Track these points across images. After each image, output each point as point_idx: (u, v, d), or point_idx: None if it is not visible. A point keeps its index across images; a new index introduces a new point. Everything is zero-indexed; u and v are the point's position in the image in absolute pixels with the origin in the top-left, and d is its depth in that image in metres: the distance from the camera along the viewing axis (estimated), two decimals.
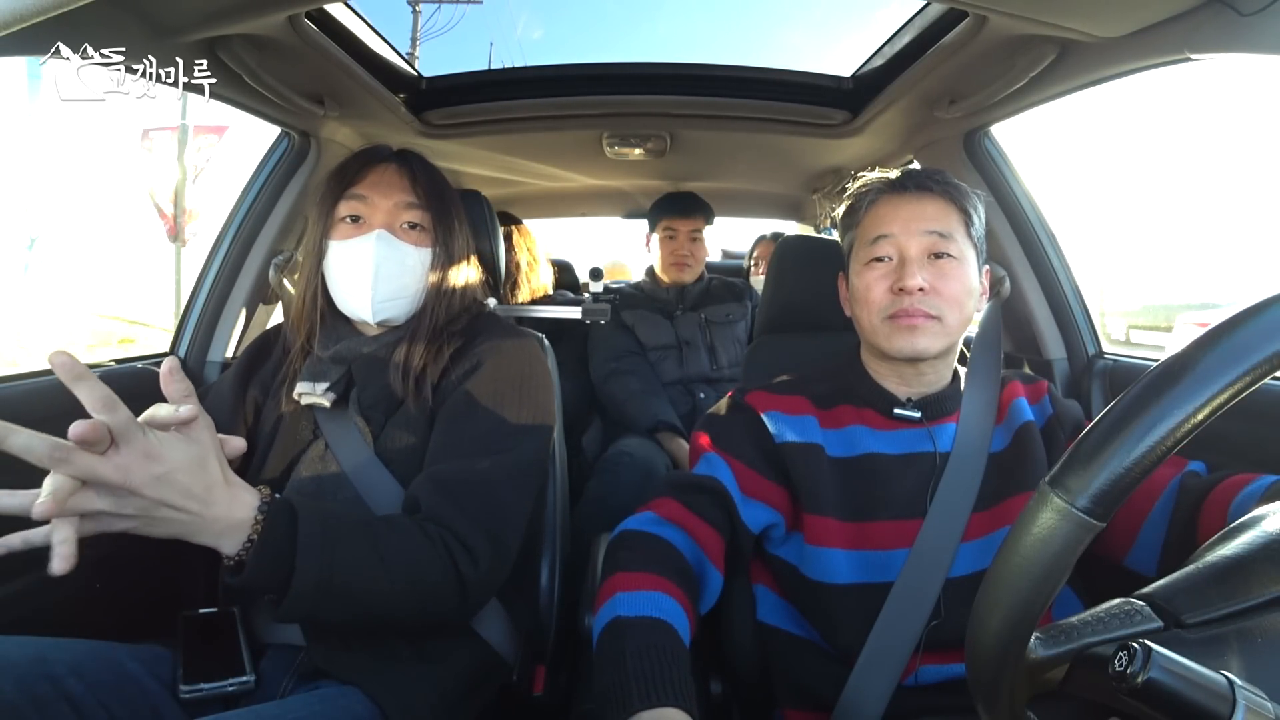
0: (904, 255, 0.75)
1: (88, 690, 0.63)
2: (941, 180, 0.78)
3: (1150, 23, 0.81)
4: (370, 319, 0.83)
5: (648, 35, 59.11)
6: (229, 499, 0.57)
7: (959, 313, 0.75)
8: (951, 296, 0.74)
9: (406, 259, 0.83)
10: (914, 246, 0.75)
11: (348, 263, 0.82)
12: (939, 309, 0.74)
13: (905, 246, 0.75)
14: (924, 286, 0.73)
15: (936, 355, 0.76)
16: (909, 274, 0.73)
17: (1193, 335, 0.34)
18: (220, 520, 0.56)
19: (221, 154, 7.74)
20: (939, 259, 0.75)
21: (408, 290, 0.84)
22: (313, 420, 0.82)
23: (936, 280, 0.74)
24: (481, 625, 0.81)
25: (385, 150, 0.88)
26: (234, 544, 0.58)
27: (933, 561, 0.71)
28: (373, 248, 0.80)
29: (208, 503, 0.55)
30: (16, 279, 8.31)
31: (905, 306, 0.74)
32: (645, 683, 0.54)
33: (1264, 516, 0.43)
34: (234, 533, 0.57)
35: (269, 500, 0.60)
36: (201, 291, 1.33)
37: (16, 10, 0.47)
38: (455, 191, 0.90)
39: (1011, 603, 0.35)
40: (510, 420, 0.79)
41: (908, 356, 0.75)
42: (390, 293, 0.82)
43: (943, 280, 0.74)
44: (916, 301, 0.73)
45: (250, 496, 0.59)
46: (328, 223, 0.84)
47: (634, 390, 1.69)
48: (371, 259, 0.80)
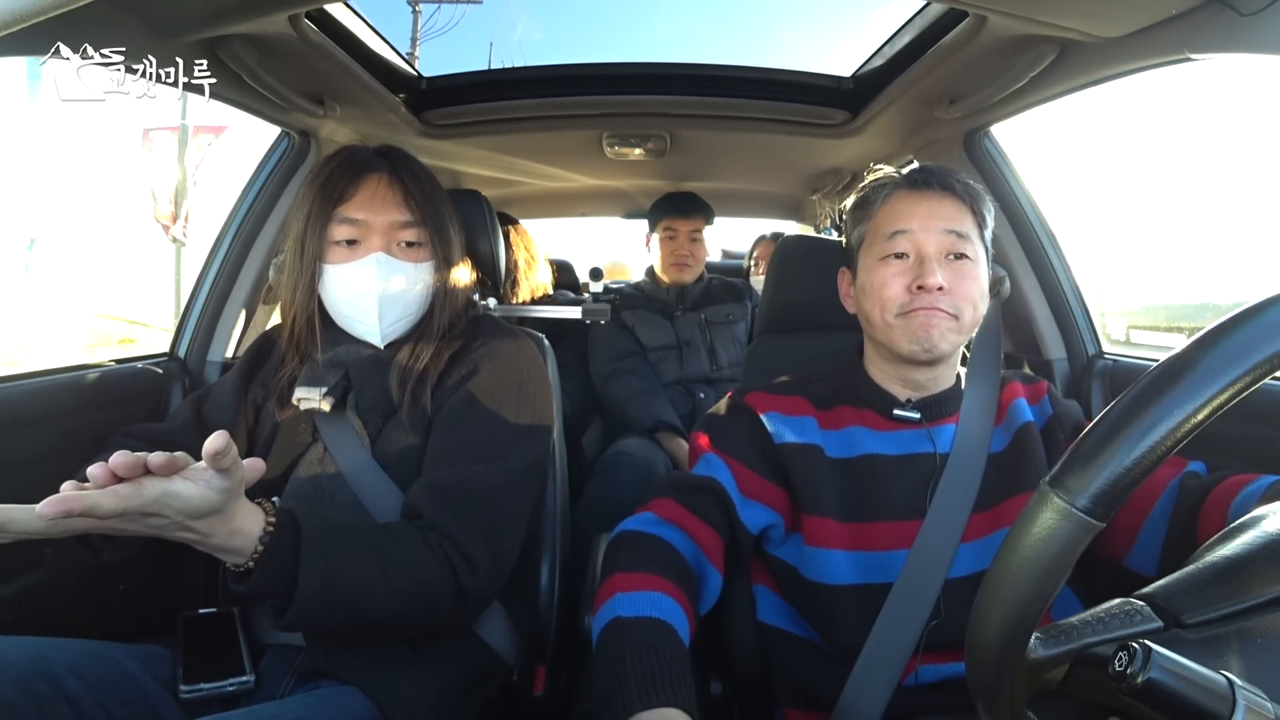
0: (922, 253, 0.74)
1: (87, 690, 0.63)
2: (960, 180, 0.77)
3: (1150, 23, 0.81)
4: (380, 343, 0.83)
5: (648, 35, 59.17)
6: (234, 509, 0.57)
7: (973, 313, 0.75)
8: (967, 297, 0.74)
9: (409, 277, 0.82)
10: (932, 245, 0.74)
11: (350, 289, 0.80)
12: (957, 308, 0.73)
13: (923, 244, 0.74)
14: (943, 285, 0.72)
15: (947, 353, 0.75)
16: (929, 272, 0.72)
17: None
18: (228, 530, 0.56)
19: (219, 154, 7.74)
20: (957, 259, 0.74)
21: (413, 307, 0.83)
22: (311, 423, 0.82)
23: (954, 280, 0.73)
24: (481, 626, 0.81)
25: (370, 158, 0.84)
26: (240, 555, 0.58)
27: (932, 562, 0.71)
28: (374, 273, 0.79)
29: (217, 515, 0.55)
30: (16, 279, 8.32)
31: (922, 304, 0.73)
32: (645, 683, 0.54)
33: (1264, 516, 0.43)
34: (240, 541, 0.57)
35: (274, 515, 0.60)
36: (201, 291, 1.33)
37: (16, 10, 0.47)
38: (444, 191, 0.88)
39: (1011, 603, 0.35)
40: (509, 425, 0.79)
41: (919, 357, 0.74)
42: (397, 314, 0.82)
43: (960, 280, 0.73)
44: (936, 300, 0.72)
45: (257, 514, 0.59)
46: (320, 244, 0.80)
47: (634, 390, 1.69)
48: (375, 286, 0.79)
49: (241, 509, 0.57)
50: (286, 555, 0.59)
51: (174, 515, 0.51)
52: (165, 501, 0.50)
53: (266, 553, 0.58)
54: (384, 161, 0.84)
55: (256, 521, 0.58)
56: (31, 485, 0.68)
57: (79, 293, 8.51)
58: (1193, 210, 16.60)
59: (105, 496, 0.48)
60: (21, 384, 0.97)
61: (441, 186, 0.88)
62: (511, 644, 0.85)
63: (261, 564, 0.58)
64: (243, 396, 0.87)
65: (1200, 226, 14.53)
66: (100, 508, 0.48)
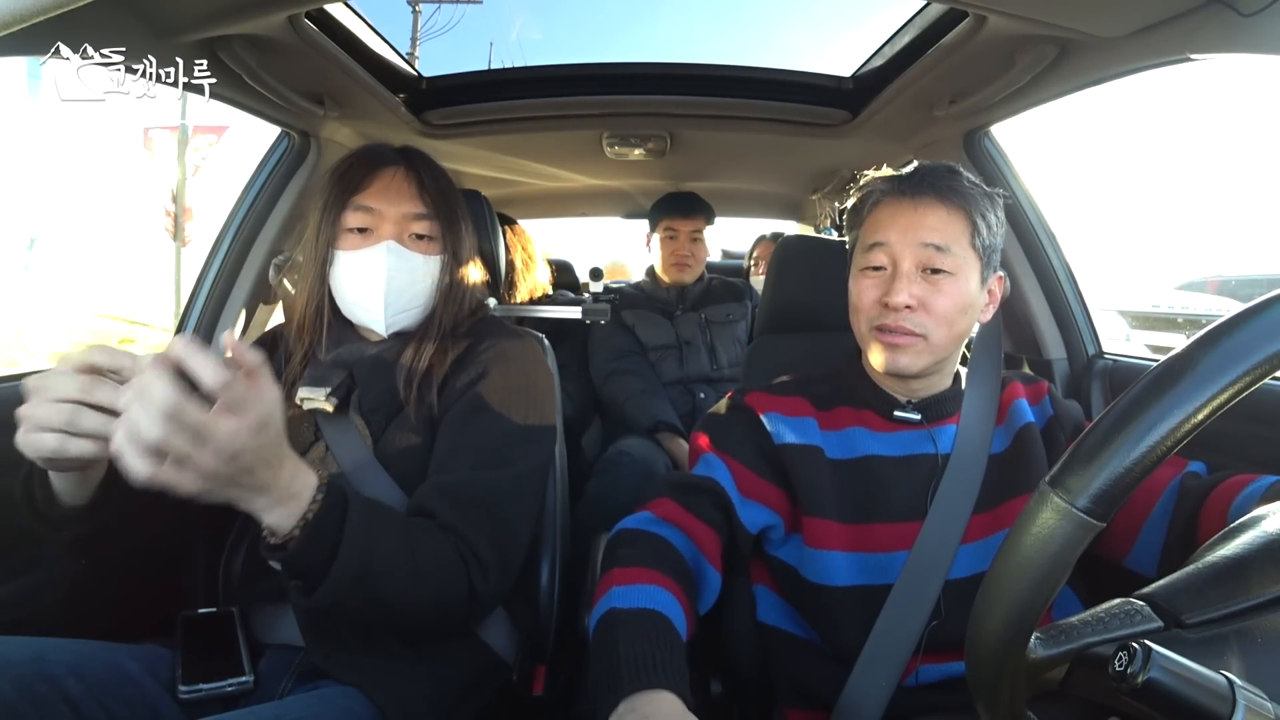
0: (896, 267, 0.73)
1: (86, 690, 0.63)
2: (951, 184, 0.73)
3: (1150, 23, 0.81)
4: (384, 331, 0.83)
5: (648, 35, 59.19)
6: (293, 471, 0.55)
7: (947, 330, 0.73)
8: (940, 314, 0.72)
9: (417, 269, 0.82)
10: (907, 259, 0.72)
11: (358, 275, 0.81)
12: (924, 327, 0.72)
13: (899, 257, 0.73)
14: (910, 304, 0.71)
15: (919, 373, 0.75)
16: (896, 290, 0.71)
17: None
18: (283, 489, 0.55)
19: (221, 154, 7.74)
20: (932, 274, 0.72)
21: (419, 300, 0.83)
22: (314, 423, 0.82)
23: (926, 296, 0.72)
24: (481, 626, 0.81)
25: (389, 153, 0.86)
26: (287, 519, 0.55)
27: (933, 563, 0.71)
28: (384, 260, 0.80)
29: (278, 469, 0.54)
30: (16, 279, 8.32)
31: (888, 322, 0.72)
32: (636, 667, 0.54)
33: (1264, 516, 0.43)
34: (290, 505, 0.55)
35: (326, 482, 0.58)
36: (201, 291, 1.33)
37: (16, 10, 0.47)
38: (459, 192, 0.90)
39: (1011, 603, 0.35)
40: (517, 428, 0.79)
41: (890, 372, 0.75)
42: (403, 304, 0.82)
43: (933, 296, 0.72)
44: (901, 318, 0.72)
45: (309, 475, 0.57)
46: (334, 231, 0.82)
47: (634, 390, 1.69)
48: (383, 272, 0.80)
49: (296, 458, 0.56)
50: (334, 526, 0.57)
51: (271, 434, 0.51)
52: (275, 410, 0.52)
53: (319, 514, 0.56)
54: (402, 157, 0.86)
55: (310, 479, 0.57)
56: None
57: (79, 293, 8.51)
58: (1193, 209, 16.66)
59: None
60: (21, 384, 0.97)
61: (456, 188, 0.89)
62: (511, 644, 0.85)
63: (311, 526, 0.56)
64: None
65: (1201, 227, 14.57)
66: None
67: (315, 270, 0.83)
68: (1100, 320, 1.30)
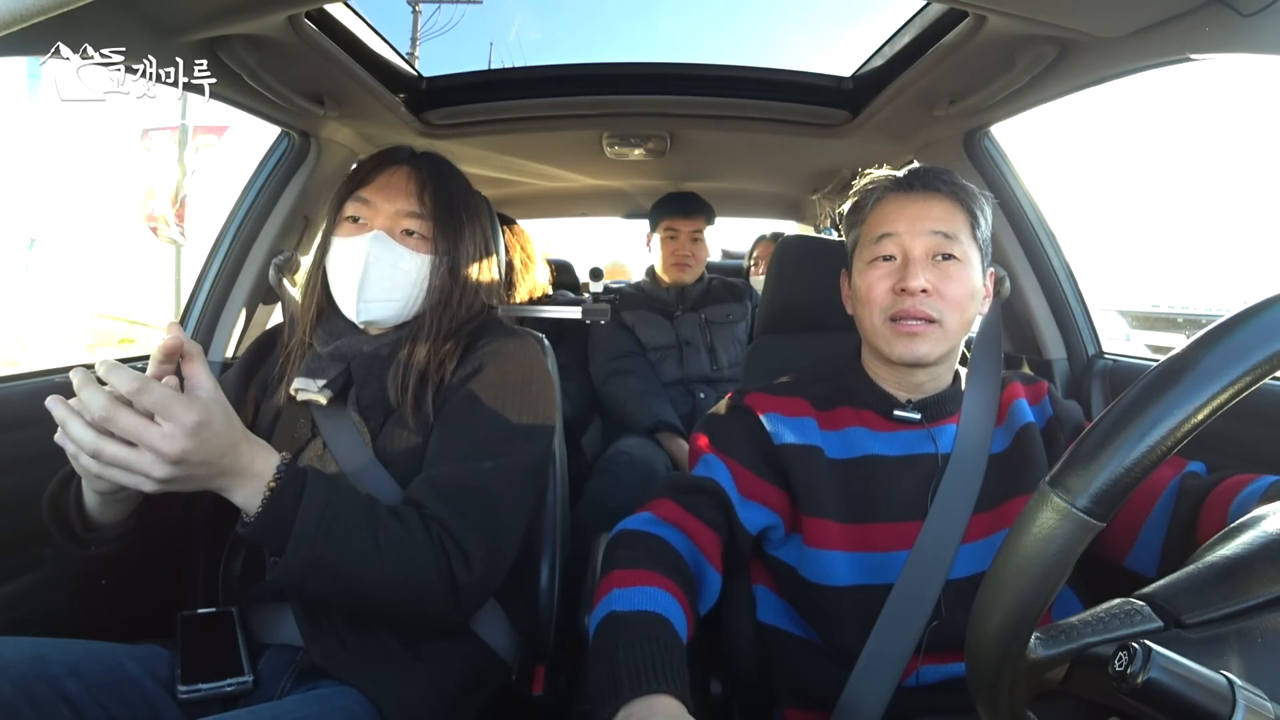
0: (908, 255, 0.74)
1: (86, 691, 0.63)
2: (949, 180, 0.77)
3: (1150, 23, 0.81)
4: (355, 317, 0.83)
5: (648, 35, 59.29)
6: (251, 453, 0.61)
7: (960, 316, 0.74)
8: (954, 299, 0.74)
9: (400, 262, 0.82)
10: (918, 247, 0.74)
11: (342, 259, 0.82)
12: (940, 312, 0.73)
13: (909, 246, 0.74)
14: (926, 288, 0.73)
15: (936, 361, 0.76)
16: (912, 275, 0.73)
17: None
18: (244, 470, 0.61)
19: (220, 154, 7.74)
20: (943, 260, 0.74)
21: (397, 293, 0.83)
22: (310, 418, 0.82)
23: (939, 282, 0.73)
24: (480, 625, 0.81)
25: (403, 153, 0.88)
26: (254, 496, 0.61)
27: (933, 563, 0.71)
28: (366, 247, 0.81)
29: (235, 456, 0.60)
30: (16, 279, 8.32)
31: (906, 308, 0.73)
32: (636, 672, 0.54)
33: (1264, 516, 0.43)
34: (252, 484, 0.61)
35: (287, 463, 0.63)
36: (201, 291, 1.33)
37: (16, 10, 0.47)
38: (473, 197, 0.90)
39: (1011, 603, 0.35)
40: (512, 424, 0.78)
41: (908, 362, 0.75)
42: (377, 294, 0.82)
43: (945, 282, 0.73)
44: (919, 303, 0.73)
45: (271, 455, 0.63)
46: (334, 220, 0.85)
47: (634, 390, 1.69)
48: (363, 258, 0.80)
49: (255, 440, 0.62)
50: (288, 506, 0.62)
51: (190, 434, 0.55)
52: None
53: (273, 493, 0.61)
54: (412, 158, 0.88)
55: (271, 459, 0.63)
56: (31, 485, 0.69)
57: (79, 293, 8.51)
58: (1194, 210, 16.66)
59: None
60: (21, 384, 0.97)
61: (474, 198, 0.90)
62: (511, 644, 0.85)
63: (266, 504, 0.61)
64: (243, 395, 0.87)
65: (1201, 226, 14.57)
66: None
67: (317, 257, 0.87)
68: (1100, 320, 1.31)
